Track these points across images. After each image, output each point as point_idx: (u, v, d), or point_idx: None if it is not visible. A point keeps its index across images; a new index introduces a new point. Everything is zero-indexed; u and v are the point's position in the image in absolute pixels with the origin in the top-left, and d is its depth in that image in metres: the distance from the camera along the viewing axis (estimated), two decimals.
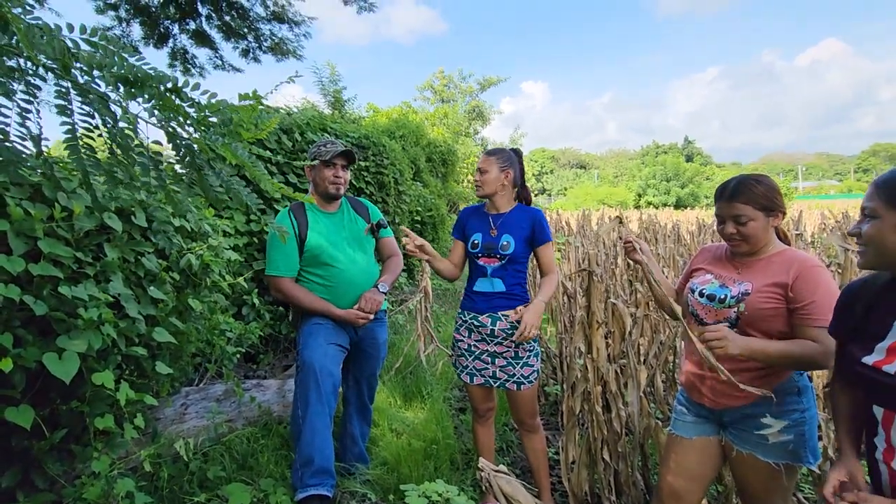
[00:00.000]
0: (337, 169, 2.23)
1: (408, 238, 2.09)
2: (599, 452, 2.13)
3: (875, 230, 1.06)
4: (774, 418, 1.48)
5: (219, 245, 2.30)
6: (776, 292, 1.44)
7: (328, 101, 9.31)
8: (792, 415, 1.47)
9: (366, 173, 4.71)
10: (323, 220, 2.25)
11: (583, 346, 2.16)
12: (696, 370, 1.63)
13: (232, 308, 3.11)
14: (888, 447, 1.05)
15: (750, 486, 1.55)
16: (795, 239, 3.74)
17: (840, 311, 1.21)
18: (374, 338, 2.32)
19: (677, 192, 41.01)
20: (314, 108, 4.89)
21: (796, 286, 1.41)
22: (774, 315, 1.44)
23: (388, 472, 2.34)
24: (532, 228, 2.06)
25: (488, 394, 2.22)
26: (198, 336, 2.30)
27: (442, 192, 9.14)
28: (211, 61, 7.02)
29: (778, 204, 1.49)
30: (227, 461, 2.10)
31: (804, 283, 1.40)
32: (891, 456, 1.04)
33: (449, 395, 3.48)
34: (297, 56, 7.12)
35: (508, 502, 1.36)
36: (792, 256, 1.47)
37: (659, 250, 5.69)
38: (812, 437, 1.49)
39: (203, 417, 2.28)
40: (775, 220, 1.49)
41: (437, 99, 25.18)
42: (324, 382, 1.98)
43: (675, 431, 1.70)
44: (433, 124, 14.89)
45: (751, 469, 1.52)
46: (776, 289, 1.44)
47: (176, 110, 0.99)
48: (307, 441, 1.94)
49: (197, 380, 2.81)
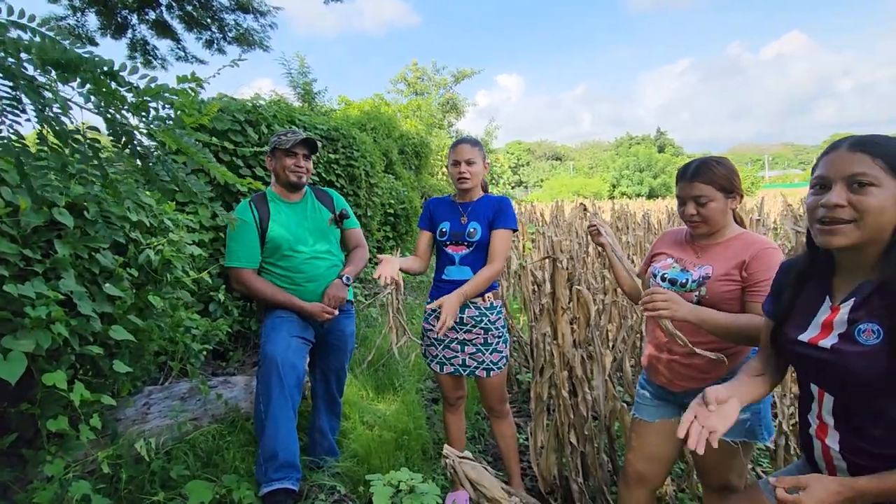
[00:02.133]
0: (298, 158, 2.20)
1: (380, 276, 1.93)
2: (567, 436, 2.16)
3: (877, 201, 0.93)
4: None
5: (180, 240, 2.24)
6: (734, 275, 1.48)
7: (298, 94, 9.13)
8: None
9: (336, 166, 4.64)
10: (285, 211, 2.21)
11: (549, 332, 2.18)
12: (655, 352, 1.66)
13: (197, 305, 3.03)
14: (821, 424, 1.07)
15: (709, 463, 1.59)
16: (756, 224, 3.86)
17: (776, 290, 1.21)
18: (340, 330, 2.30)
19: (650, 182, 41.81)
20: (283, 101, 4.77)
21: (751, 266, 1.46)
22: (734, 298, 1.48)
23: (359, 464, 2.33)
24: (494, 215, 2.06)
25: (458, 382, 2.23)
26: (160, 334, 2.24)
27: (415, 184, 9.10)
28: (173, 52, 6.81)
29: (736, 186, 1.53)
30: (191, 460, 2.05)
31: (758, 263, 1.45)
32: (823, 432, 1.06)
33: (422, 387, 3.49)
34: (264, 47, 6.96)
35: (474, 488, 1.37)
36: (749, 239, 1.51)
37: (629, 239, 5.80)
38: (766, 415, 1.54)
39: (166, 416, 2.23)
40: (734, 202, 1.53)
41: (411, 91, 24.98)
42: (286, 376, 1.96)
43: (638, 415, 1.74)
44: (406, 116, 14.77)
45: (709, 448, 1.56)
46: (735, 271, 1.48)
47: (112, 95, 0.95)
48: (270, 435, 1.92)
49: (161, 378, 2.74)
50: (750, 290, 1.45)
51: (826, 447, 1.06)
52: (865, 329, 0.96)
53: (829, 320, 1.04)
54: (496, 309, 2.11)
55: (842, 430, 1.03)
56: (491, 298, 2.09)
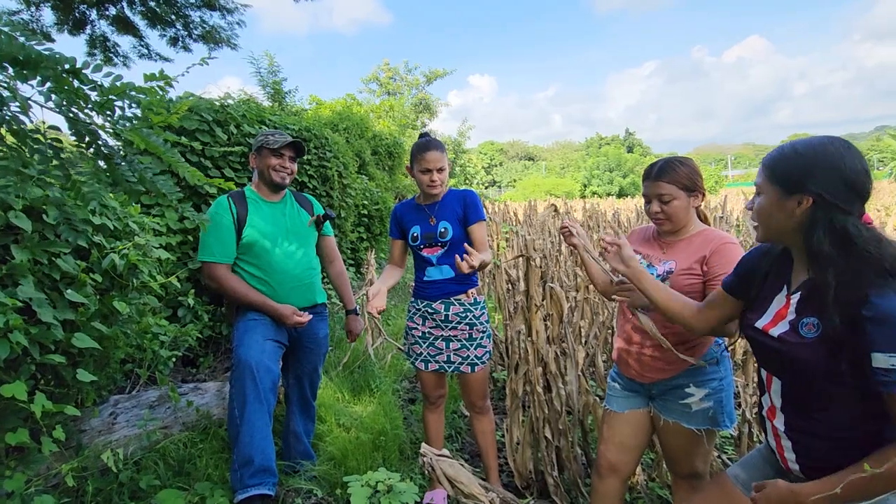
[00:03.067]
0: (284, 159, 2.19)
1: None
2: (542, 431, 2.20)
3: (760, 205, 1.12)
4: (696, 387, 1.59)
5: (146, 244, 2.18)
6: (696, 269, 1.54)
7: (268, 94, 8.96)
8: (711, 383, 1.58)
9: (308, 167, 4.58)
10: (264, 210, 2.19)
11: (523, 330, 2.22)
12: (625, 346, 1.72)
13: (165, 310, 2.95)
14: (771, 406, 1.16)
15: (676, 451, 1.66)
16: (719, 222, 4.00)
17: (741, 273, 1.29)
18: (314, 332, 2.27)
19: (620, 181, 42.79)
20: (252, 100, 4.67)
21: (711, 261, 1.52)
22: (696, 292, 1.54)
23: (335, 466, 2.32)
24: (464, 209, 2.07)
25: (440, 380, 2.25)
26: (126, 341, 2.18)
27: (389, 185, 9.06)
28: (136, 50, 6.58)
29: (699, 185, 1.60)
30: (161, 469, 2.00)
31: (718, 258, 1.52)
32: (773, 414, 1.16)
33: (398, 387, 3.48)
34: (232, 45, 6.81)
35: (452, 485, 1.38)
36: (711, 235, 1.58)
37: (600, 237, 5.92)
38: (729, 403, 1.61)
39: (134, 426, 2.16)
40: (696, 200, 1.60)
41: (383, 91, 24.80)
42: (262, 379, 1.93)
43: (609, 407, 1.79)
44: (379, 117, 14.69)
45: (676, 436, 1.63)
46: (696, 265, 1.55)
47: (75, 93, 0.92)
48: (245, 441, 1.89)
49: (128, 387, 2.66)
50: (710, 283, 1.52)
51: (775, 427, 1.14)
52: (808, 323, 1.04)
53: (781, 311, 1.12)
54: (480, 304, 2.13)
55: (787, 411, 1.11)
56: (474, 294, 2.12)
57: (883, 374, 0.91)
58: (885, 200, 13.22)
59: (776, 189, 1.08)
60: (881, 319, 0.91)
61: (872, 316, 0.92)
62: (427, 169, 2.05)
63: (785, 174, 1.06)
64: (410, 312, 2.23)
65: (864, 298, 0.94)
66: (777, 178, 1.08)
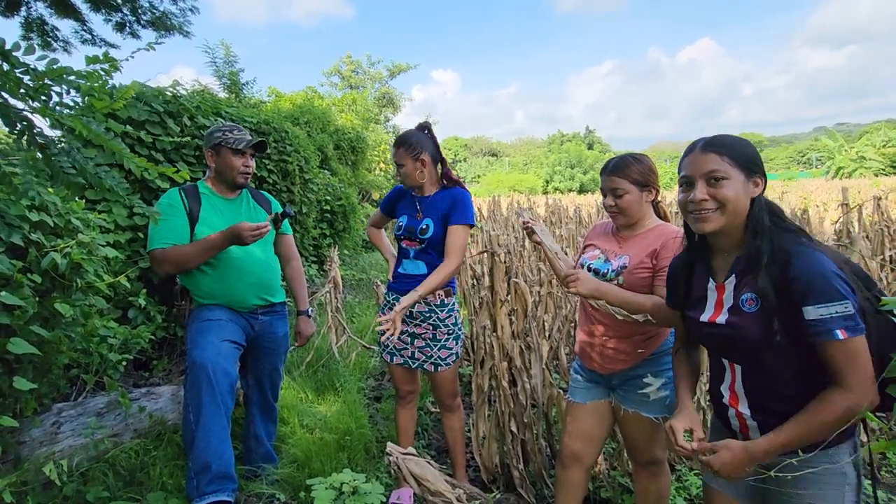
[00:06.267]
0: (247, 158, 2.10)
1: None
2: (507, 425, 2.22)
3: (731, 191, 1.12)
4: (654, 377, 1.64)
5: (92, 241, 2.05)
6: (647, 263, 1.60)
7: (224, 84, 8.60)
8: (668, 373, 1.64)
9: (267, 161, 4.43)
10: (219, 206, 2.09)
11: (488, 325, 2.23)
12: (586, 339, 1.75)
13: (115, 311, 2.79)
14: (732, 393, 1.21)
15: (635, 439, 1.71)
16: (676, 217, 4.16)
17: (670, 286, 1.38)
18: (272, 332, 2.21)
19: (581, 178, 43.76)
20: (207, 91, 4.46)
21: (660, 254, 1.59)
22: (648, 285, 1.59)
23: (299, 469, 2.26)
24: (449, 209, 2.03)
25: (411, 376, 2.23)
26: (70, 345, 2.04)
27: (352, 180, 8.91)
28: (77, 35, 6.17)
29: (652, 181, 1.65)
30: (111, 480, 1.89)
31: (666, 251, 1.58)
32: (735, 400, 1.20)
33: (363, 385, 3.44)
34: (184, 33, 6.50)
35: (418, 483, 1.37)
36: (662, 230, 1.64)
37: (562, 232, 6.05)
38: None
39: (80, 435, 2.04)
40: (649, 195, 1.65)
41: (346, 85, 24.36)
42: (218, 382, 1.85)
43: (572, 398, 1.83)
44: (341, 110, 14.39)
45: (635, 425, 1.68)
46: (647, 259, 1.60)
47: (5, 77, 0.84)
48: (202, 446, 1.81)
49: (74, 394, 2.50)
50: (657, 275, 1.58)
51: (739, 413, 1.19)
52: (747, 299, 1.12)
53: (719, 299, 1.19)
54: (447, 306, 2.11)
55: (752, 394, 1.16)
56: (442, 295, 2.09)
57: (815, 325, 1.01)
58: (823, 197, 14.10)
59: (741, 172, 1.13)
60: (803, 276, 1.03)
61: (796, 275, 1.03)
62: (395, 163, 2.09)
63: (743, 157, 1.14)
64: (382, 305, 2.24)
65: (787, 262, 1.05)
66: (740, 162, 1.13)
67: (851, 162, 32.33)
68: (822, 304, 1.00)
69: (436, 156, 2.09)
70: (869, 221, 4.59)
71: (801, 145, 69.46)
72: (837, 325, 1.00)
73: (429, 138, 2.10)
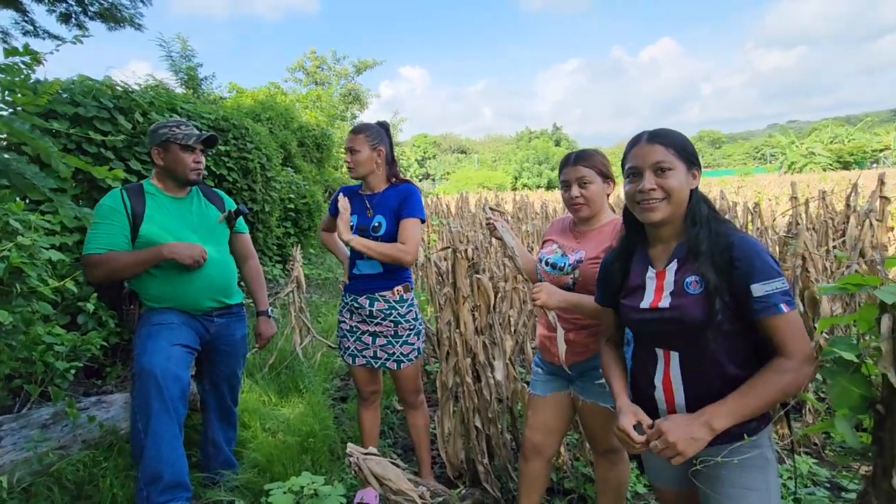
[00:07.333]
0: (197, 153, 2.02)
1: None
2: (472, 421, 2.23)
3: (676, 181, 1.16)
4: None
5: (34, 244, 1.93)
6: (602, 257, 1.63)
7: (180, 80, 8.28)
8: None
9: (227, 158, 4.30)
10: (166, 206, 2.00)
11: (452, 321, 2.23)
12: (546, 332, 1.78)
13: (62, 317, 2.66)
14: (666, 384, 1.20)
15: (595, 429, 1.75)
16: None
17: (602, 283, 1.39)
18: (230, 334, 2.14)
19: (549, 174, 44.37)
20: (161, 86, 4.27)
21: None
22: None
23: (259, 473, 2.21)
24: (400, 205, 2.02)
25: (373, 377, 2.21)
26: (11, 354, 1.93)
27: (317, 178, 8.77)
28: (18, 26, 5.81)
29: (612, 174, 1.71)
30: (56, 494, 1.80)
31: None
32: (669, 392, 1.20)
33: (328, 386, 3.39)
34: (136, 25, 6.22)
35: (381, 483, 1.36)
36: (617, 224, 1.67)
37: (528, 227, 6.12)
38: None
39: (23, 448, 1.93)
40: (608, 187, 1.70)
41: (310, 81, 23.89)
42: (168, 388, 1.77)
43: (533, 391, 1.85)
44: (305, 107, 14.10)
45: (594, 415, 1.71)
46: (603, 254, 1.62)
47: None
48: (152, 455, 1.73)
49: (16, 406, 2.37)
50: None
51: (671, 404, 1.20)
52: (691, 281, 1.17)
53: (659, 285, 1.22)
54: (406, 302, 2.10)
55: (689, 383, 1.18)
56: (401, 291, 2.08)
57: (762, 301, 1.07)
58: (776, 191, 14.77)
59: (683, 164, 1.18)
60: (745, 257, 1.10)
61: (738, 256, 1.10)
62: (346, 149, 2.06)
63: (685, 150, 1.20)
64: (341, 306, 2.20)
65: (728, 245, 1.12)
66: (682, 155, 1.19)
67: (802, 157, 34.02)
68: (766, 281, 1.07)
69: (389, 155, 2.12)
70: (815, 214, 4.84)
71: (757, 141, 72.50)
72: (779, 299, 1.07)
73: (386, 135, 2.12)
